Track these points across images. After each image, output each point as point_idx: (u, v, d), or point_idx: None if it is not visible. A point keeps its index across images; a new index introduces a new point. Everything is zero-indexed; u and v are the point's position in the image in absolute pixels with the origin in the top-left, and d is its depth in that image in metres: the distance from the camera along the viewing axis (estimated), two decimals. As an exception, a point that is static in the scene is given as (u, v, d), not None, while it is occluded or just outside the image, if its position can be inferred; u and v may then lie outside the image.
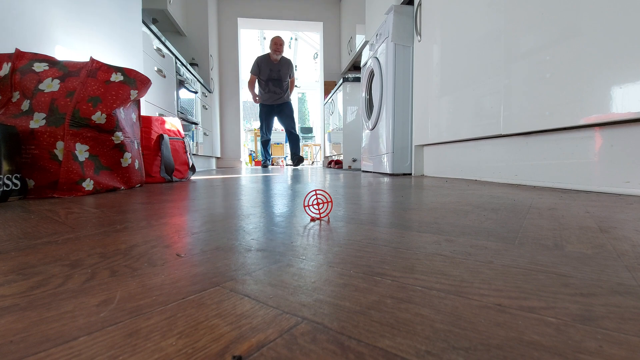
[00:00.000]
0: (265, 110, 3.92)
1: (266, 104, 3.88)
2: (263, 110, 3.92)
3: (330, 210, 0.57)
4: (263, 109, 3.91)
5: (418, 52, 1.99)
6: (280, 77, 3.78)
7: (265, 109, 3.91)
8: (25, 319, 0.21)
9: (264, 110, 3.91)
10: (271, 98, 3.83)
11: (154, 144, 1.50)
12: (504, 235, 0.42)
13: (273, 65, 3.74)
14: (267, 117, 3.92)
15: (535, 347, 0.17)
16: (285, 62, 3.81)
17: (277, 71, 3.76)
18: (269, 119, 3.95)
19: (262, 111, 3.92)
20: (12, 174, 0.84)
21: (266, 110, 3.90)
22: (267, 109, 3.90)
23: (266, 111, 3.91)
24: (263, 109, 3.91)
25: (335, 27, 4.91)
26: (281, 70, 3.78)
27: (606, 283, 0.26)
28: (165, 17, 3.22)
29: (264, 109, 3.90)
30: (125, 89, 1.07)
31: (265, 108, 3.90)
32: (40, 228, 0.49)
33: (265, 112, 3.92)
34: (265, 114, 3.92)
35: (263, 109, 3.91)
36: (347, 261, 0.32)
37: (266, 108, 3.90)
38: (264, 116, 3.92)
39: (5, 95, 0.98)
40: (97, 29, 1.55)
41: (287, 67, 3.82)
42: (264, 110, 3.91)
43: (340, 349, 0.17)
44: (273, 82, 3.77)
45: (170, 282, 0.27)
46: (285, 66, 3.80)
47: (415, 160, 2.10)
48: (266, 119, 3.93)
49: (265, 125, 3.95)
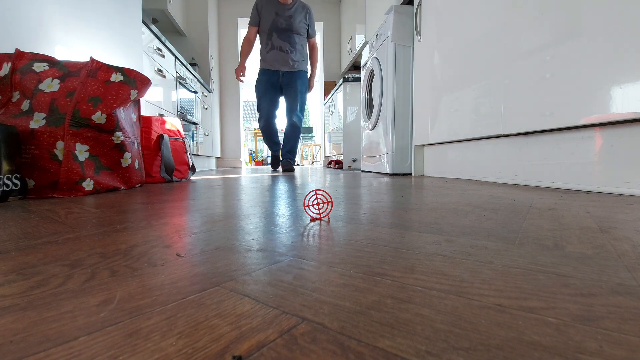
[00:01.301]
0: (265, 80, 2.54)
1: (268, 70, 2.54)
2: (263, 80, 2.55)
3: (330, 210, 0.57)
4: (263, 78, 2.55)
5: (418, 52, 1.99)
6: (292, 26, 2.47)
7: (266, 78, 2.54)
8: (25, 319, 0.21)
9: (264, 80, 2.54)
10: (276, 60, 2.51)
11: (154, 144, 1.50)
12: (504, 236, 0.42)
13: (280, 8, 2.44)
14: (268, 90, 2.54)
15: (535, 348, 0.17)
16: (302, 8, 2.53)
17: (288, 17, 2.45)
18: (271, 93, 2.56)
19: (262, 81, 2.55)
20: (12, 174, 0.84)
21: (267, 79, 2.54)
22: (268, 78, 2.54)
23: (267, 80, 2.54)
24: (263, 78, 2.55)
25: (335, 27, 4.91)
26: (294, 17, 2.46)
27: (606, 283, 0.26)
28: (165, 17, 3.22)
29: (265, 77, 2.55)
30: (125, 88, 1.07)
31: (267, 76, 2.54)
32: (40, 228, 0.49)
33: (266, 82, 2.54)
34: (266, 85, 2.54)
35: (263, 78, 2.55)
36: (347, 261, 0.32)
37: (267, 76, 2.54)
38: (263, 89, 2.54)
39: (5, 95, 0.98)
40: (97, 29, 1.55)
41: (305, 16, 2.53)
42: (264, 79, 2.55)
43: (340, 349, 0.17)
44: (280, 34, 2.48)
45: (170, 282, 0.27)
46: (300, 12, 2.50)
47: (415, 160, 2.10)
48: (266, 92, 2.54)
49: (266, 102, 2.55)
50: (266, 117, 2.58)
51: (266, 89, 2.54)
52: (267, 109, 2.57)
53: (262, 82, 2.56)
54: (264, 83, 2.55)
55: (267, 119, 2.59)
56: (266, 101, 2.55)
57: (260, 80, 2.57)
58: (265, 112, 2.57)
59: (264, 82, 2.55)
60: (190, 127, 3.05)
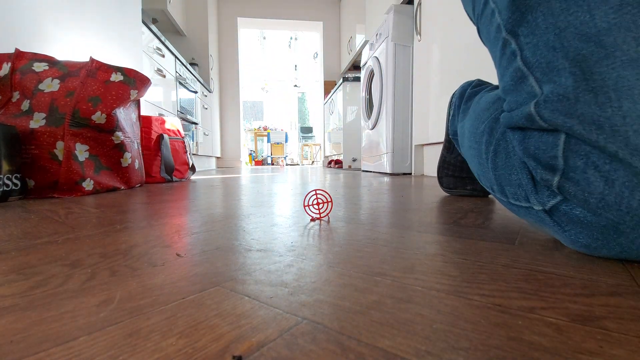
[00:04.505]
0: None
1: None
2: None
3: (330, 210, 0.57)
4: None
5: (418, 52, 1.99)
6: None
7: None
8: (25, 318, 0.21)
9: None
10: None
11: (154, 144, 1.50)
12: (504, 236, 0.42)
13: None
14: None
15: (535, 348, 0.17)
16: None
17: None
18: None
19: None
20: (12, 174, 0.84)
21: None
22: None
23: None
24: None
25: (335, 27, 4.91)
26: None
27: (606, 283, 0.26)
28: (165, 17, 3.22)
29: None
30: (125, 88, 1.07)
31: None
32: (41, 228, 0.49)
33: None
34: None
35: None
36: (347, 261, 0.32)
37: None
38: None
39: (5, 95, 0.98)
40: (97, 28, 1.55)
41: None
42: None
43: (340, 349, 0.17)
44: None
45: (170, 282, 0.27)
46: None
47: (415, 160, 2.10)
48: None
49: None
50: None
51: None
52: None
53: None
54: None
55: None
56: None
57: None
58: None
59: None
60: (190, 127, 3.05)
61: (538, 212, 0.34)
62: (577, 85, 0.27)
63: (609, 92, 0.25)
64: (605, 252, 0.30)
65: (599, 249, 0.30)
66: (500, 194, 0.40)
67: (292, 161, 8.26)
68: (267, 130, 7.72)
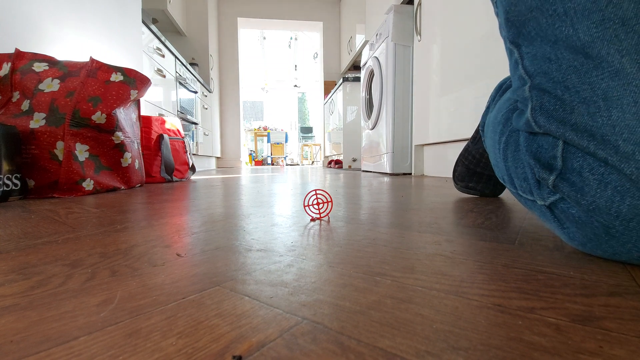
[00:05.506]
0: None
1: None
2: None
3: (330, 210, 0.57)
4: None
5: (418, 52, 1.99)
6: None
7: None
8: (25, 318, 0.21)
9: None
10: None
11: (154, 144, 1.50)
12: (504, 236, 0.42)
13: None
14: None
15: (535, 348, 0.17)
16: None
17: None
18: None
19: None
20: (12, 174, 0.84)
21: None
22: None
23: None
24: None
25: (335, 27, 4.91)
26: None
27: (606, 283, 0.26)
28: (165, 17, 3.22)
29: None
30: (125, 88, 1.07)
31: None
32: (41, 228, 0.49)
33: None
34: None
35: None
36: (347, 261, 0.32)
37: None
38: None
39: (5, 95, 0.98)
40: (97, 28, 1.55)
41: None
42: None
43: (340, 349, 0.17)
44: None
45: (171, 282, 0.27)
46: None
47: (415, 160, 2.10)
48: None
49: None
50: None
51: None
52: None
53: None
54: None
55: None
56: None
57: None
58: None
59: None
60: (190, 127, 3.05)
61: (541, 207, 0.35)
62: (569, 95, 0.28)
63: (598, 102, 0.26)
64: (600, 252, 0.31)
65: (594, 249, 0.31)
66: (511, 184, 0.41)
67: (292, 161, 8.25)
68: (267, 130, 7.72)
